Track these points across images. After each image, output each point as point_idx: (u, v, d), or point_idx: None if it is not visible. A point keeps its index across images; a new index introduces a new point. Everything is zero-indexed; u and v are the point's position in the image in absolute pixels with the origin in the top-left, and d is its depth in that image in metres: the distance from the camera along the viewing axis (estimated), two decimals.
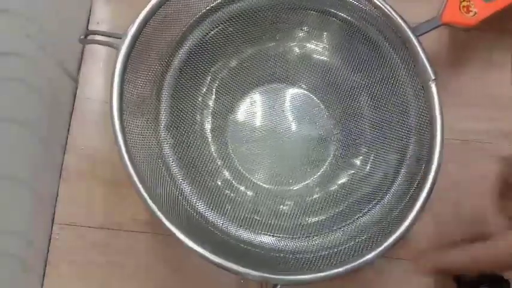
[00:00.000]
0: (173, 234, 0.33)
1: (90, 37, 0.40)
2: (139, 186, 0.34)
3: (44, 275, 0.43)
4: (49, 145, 0.43)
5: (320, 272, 0.34)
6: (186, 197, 0.41)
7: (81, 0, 0.49)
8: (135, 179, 0.34)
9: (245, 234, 0.41)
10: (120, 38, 0.37)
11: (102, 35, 0.38)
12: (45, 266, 0.43)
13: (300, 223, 0.42)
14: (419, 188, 0.37)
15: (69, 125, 0.46)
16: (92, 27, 0.49)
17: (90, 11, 0.50)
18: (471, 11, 0.42)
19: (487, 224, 0.40)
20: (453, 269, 0.40)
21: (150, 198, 0.34)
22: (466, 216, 0.47)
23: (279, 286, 0.33)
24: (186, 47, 0.43)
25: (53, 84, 0.43)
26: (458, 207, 0.47)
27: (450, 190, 0.47)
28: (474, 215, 0.47)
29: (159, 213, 0.34)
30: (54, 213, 0.44)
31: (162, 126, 0.42)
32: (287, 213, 0.43)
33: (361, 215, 0.41)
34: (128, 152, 0.35)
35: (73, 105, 0.47)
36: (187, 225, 0.38)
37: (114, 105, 0.35)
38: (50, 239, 0.44)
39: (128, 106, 0.37)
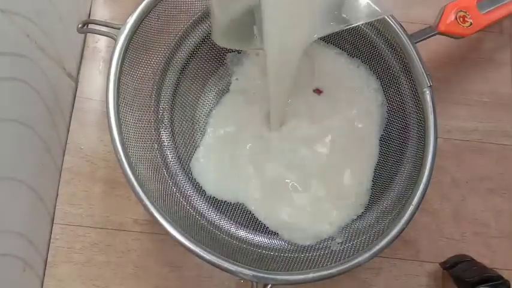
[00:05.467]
0: (160, 224, 0.34)
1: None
2: (132, 178, 0.34)
3: (44, 275, 0.43)
4: (49, 145, 0.43)
5: (312, 272, 0.34)
6: (184, 194, 0.41)
7: (81, 0, 0.49)
8: (129, 172, 0.34)
9: (241, 232, 0.41)
10: (119, 29, 0.37)
11: (101, 25, 0.38)
12: (45, 266, 0.43)
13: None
14: (411, 195, 0.37)
15: (69, 125, 0.47)
16: None
17: (90, 11, 0.50)
18: (467, 21, 0.42)
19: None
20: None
21: (139, 186, 0.34)
22: (466, 215, 0.47)
23: (269, 285, 0.33)
24: (189, 43, 0.43)
25: (53, 84, 0.43)
26: (459, 207, 0.47)
27: (450, 189, 0.47)
28: (474, 214, 0.47)
29: (147, 203, 0.34)
30: (54, 213, 0.44)
31: (159, 121, 0.42)
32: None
33: (355, 218, 0.41)
34: (122, 144, 0.35)
35: (73, 105, 0.47)
36: (184, 223, 0.38)
37: (110, 98, 0.35)
38: (50, 239, 0.44)
39: (124, 98, 0.37)
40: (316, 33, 0.34)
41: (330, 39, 0.46)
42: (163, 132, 0.42)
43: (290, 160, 0.44)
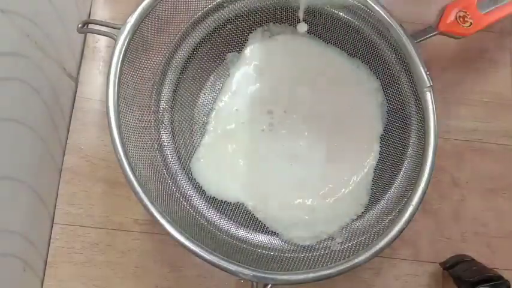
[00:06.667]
0: (160, 224, 0.34)
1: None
2: (132, 178, 0.34)
3: (44, 275, 0.43)
4: (49, 145, 0.43)
5: (312, 272, 0.34)
6: (184, 194, 0.41)
7: (81, 0, 0.49)
8: (129, 172, 0.34)
9: (241, 232, 0.41)
10: (119, 29, 0.37)
11: (101, 25, 0.38)
12: (45, 266, 0.43)
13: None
14: (411, 195, 0.37)
15: (69, 125, 0.47)
16: None
17: (90, 11, 0.50)
18: (467, 21, 0.42)
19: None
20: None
21: (140, 186, 0.34)
22: (466, 215, 0.47)
23: (269, 285, 0.33)
24: (189, 43, 0.43)
25: (53, 84, 0.43)
26: (459, 207, 0.47)
27: (450, 189, 0.47)
28: (474, 214, 0.47)
29: (147, 203, 0.34)
30: (54, 213, 0.44)
31: (159, 121, 0.42)
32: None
33: (355, 218, 0.41)
34: (122, 144, 0.35)
35: (73, 105, 0.47)
36: (184, 223, 0.38)
37: (110, 98, 0.35)
38: (50, 239, 0.44)
39: (124, 98, 0.37)
40: None
41: (330, 39, 0.46)
42: (163, 132, 0.42)
43: (290, 160, 0.44)
